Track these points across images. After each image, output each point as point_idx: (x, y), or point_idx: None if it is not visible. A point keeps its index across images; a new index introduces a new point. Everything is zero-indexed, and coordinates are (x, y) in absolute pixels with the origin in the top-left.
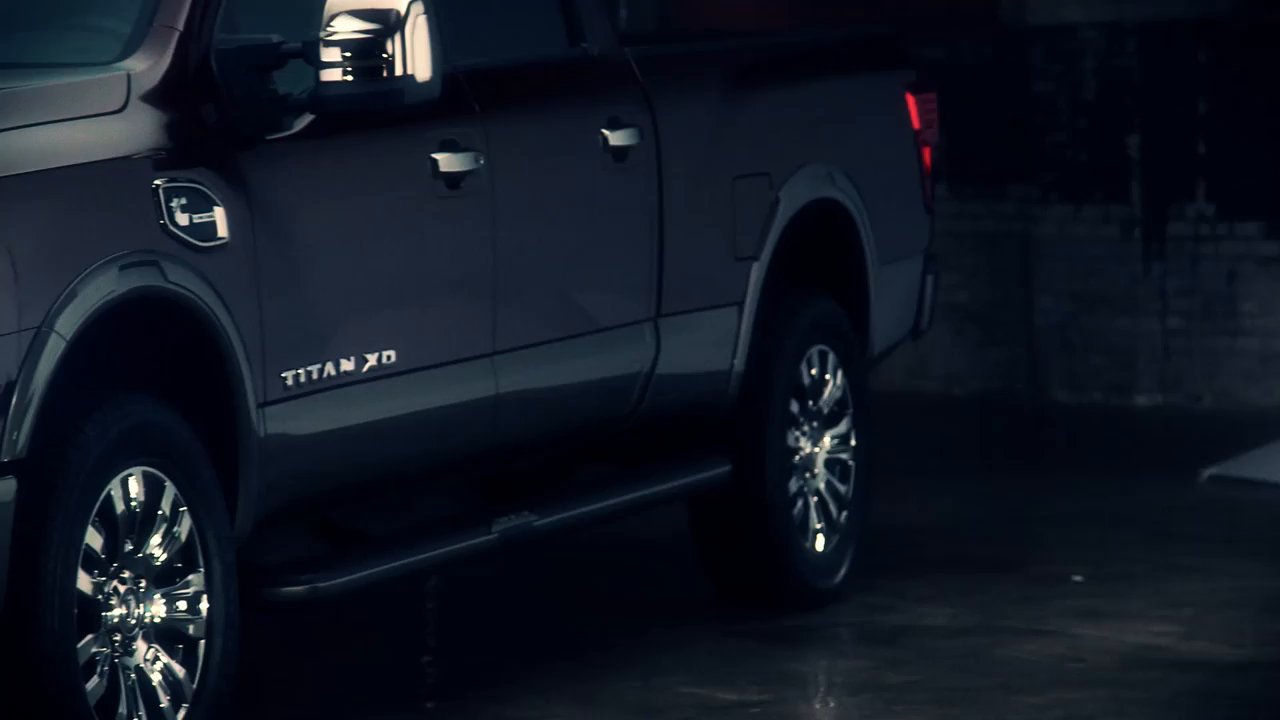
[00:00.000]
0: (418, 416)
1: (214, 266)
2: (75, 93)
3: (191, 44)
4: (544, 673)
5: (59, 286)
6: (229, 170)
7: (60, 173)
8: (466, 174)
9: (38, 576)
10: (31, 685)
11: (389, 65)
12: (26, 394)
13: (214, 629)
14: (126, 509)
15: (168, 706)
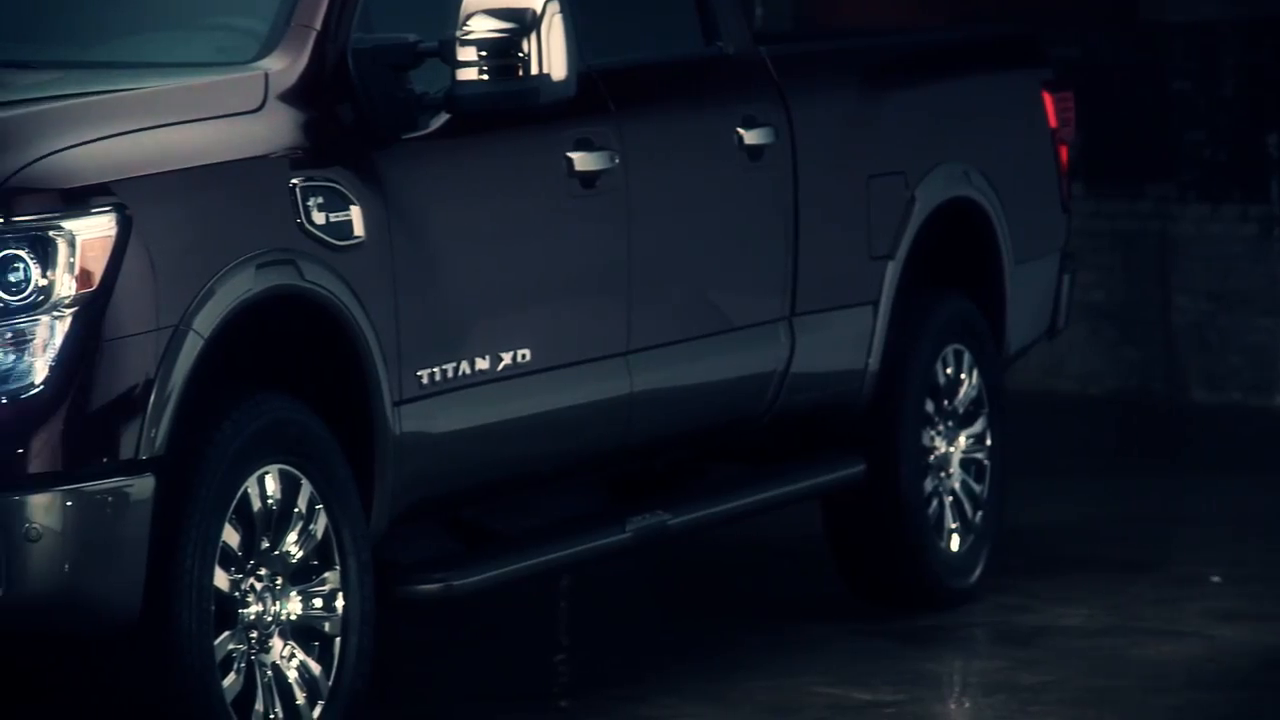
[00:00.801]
0: (552, 415)
1: (350, 265)
2: (213, 92)
3: (329, 43)
4: (676, 672)
5: (197, 285)
6: (365, 169)
7: (198, 172)
8: (601, 173)
9: (175, 574)
10: (169, 682)
11: (525, 64)
12: (165, 392)
13: (349, 626)
14: (263, 506)
15: (303, 704)
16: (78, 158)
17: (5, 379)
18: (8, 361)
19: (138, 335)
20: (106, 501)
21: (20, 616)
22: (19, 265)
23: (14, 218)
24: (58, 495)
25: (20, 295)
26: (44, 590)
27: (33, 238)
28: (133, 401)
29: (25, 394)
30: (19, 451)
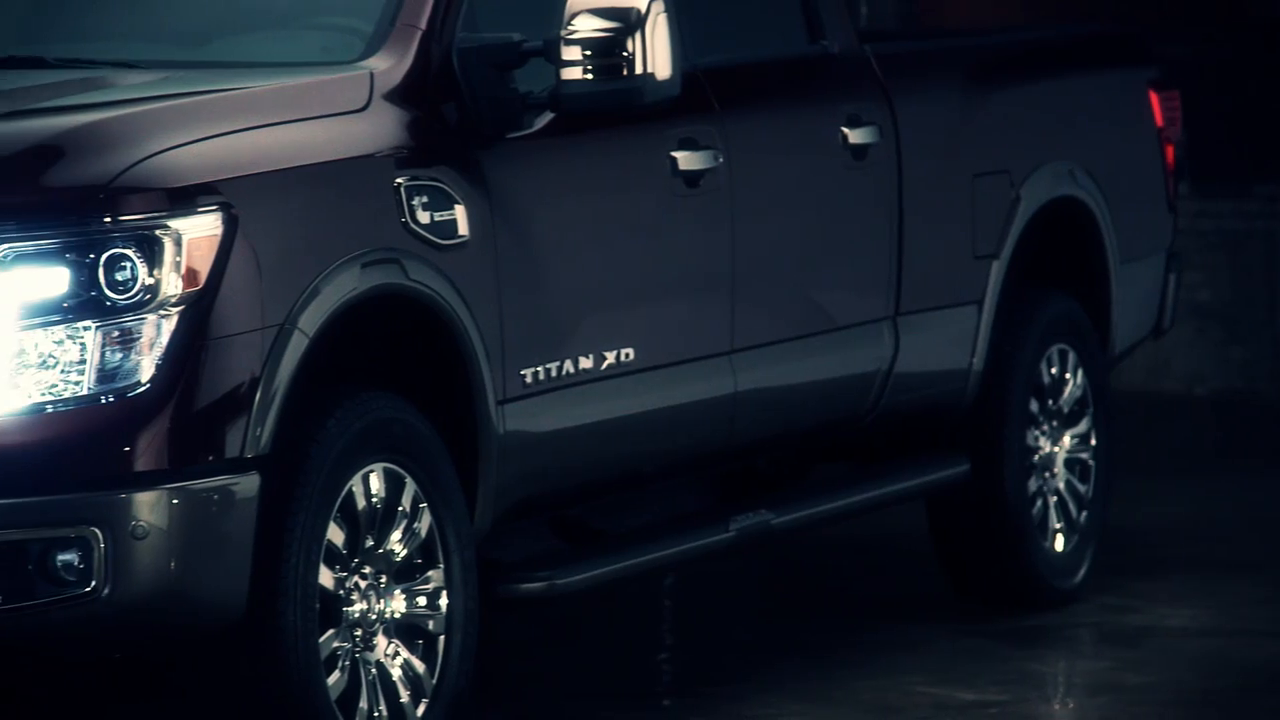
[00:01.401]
0: (656, 414)
1: (454, 264)
2: (319, 91)
3: (433, 43)
4: (780, 670)
5: (302, 284)
6: (470, 169)
7: (304, 171)
8: (705, 172)
9: (280, 572)
10: (274, 680)
11: (629, 63)
12: (270, 390)
13: (453, 625)
14: (368, 505)
15: (408, 701)
16: (184, 157)
17: (112, 377)
18: (114, 360)
19: (243, 334)
20: (212, 500)
21: (127, 614)
22: (126, 264)
23: (121, 217)
24: (164, 493)
25: (127, 294)
26: (150, 588)
27: (139, 237)
28: (238, 400)
29: (132, 392)
30: (125, 450)
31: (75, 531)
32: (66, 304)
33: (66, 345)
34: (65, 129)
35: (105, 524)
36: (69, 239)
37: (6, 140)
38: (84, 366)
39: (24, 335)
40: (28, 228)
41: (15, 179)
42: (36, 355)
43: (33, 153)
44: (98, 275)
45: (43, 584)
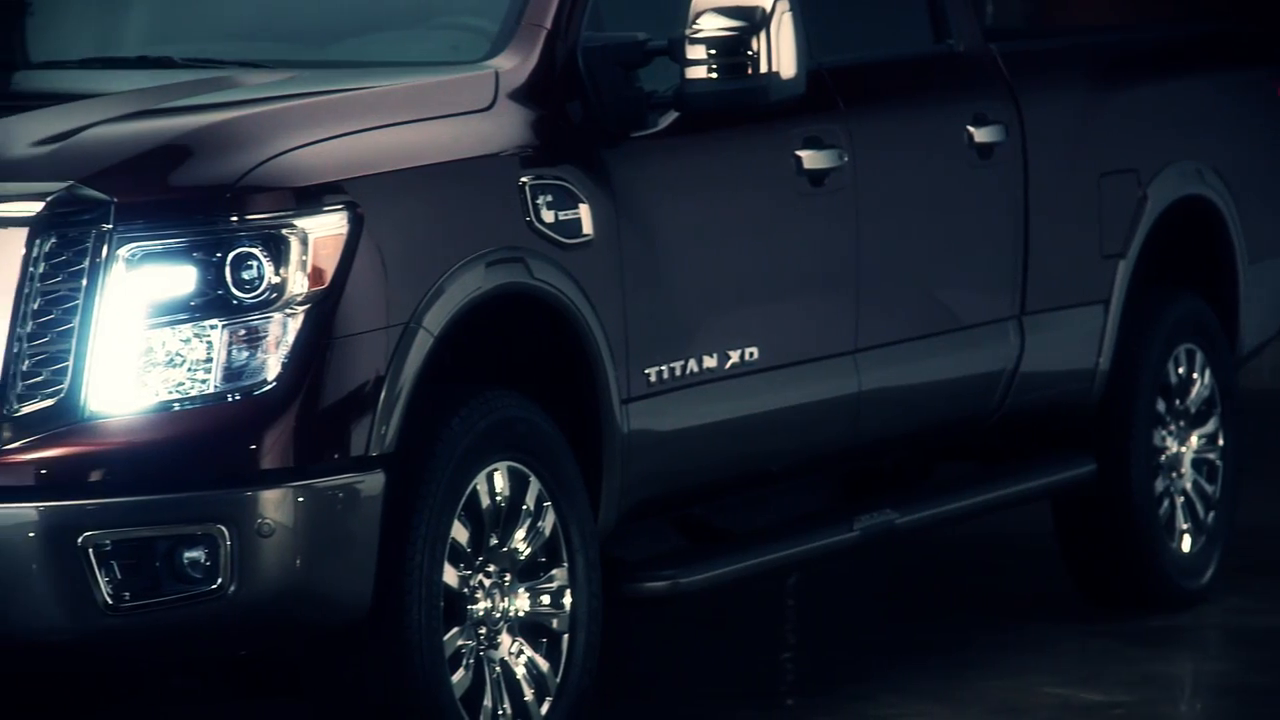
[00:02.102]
0: (780, 414)
1: (579, 263)
2: (444, 91)
3: (559, 42)
4: (905, 670)
5: (427, 283)
6: (594, 168)
7: (429, 170)
8: (830, 171)
9: (405, 570)
10: (399, 678)
11: (754, 62)
12: (395, 389)
13: (577, 623)
14: (492, 503)
15: (531, 700)
16: (310, 157)
17: (238, 376)
18: (241, 359)
19: (368, 333)
20: (337, 497)
21: (252, 611)
22: (252, 263)
23: (247, 216)
24: (289, 491)
25: (253, 293)
26: (276, 586)
27: (266, 236)
28: (363, 398)
29: (258, 391)
30: (251, 448)
31: (202, 529)
32: (193, 303)
33: (193, 344)
34: (192, 129)
35: (231, 521)
36: (196, 238)
37: (135, 140)
38: (210, 365)
39: (151, 334)
40: (155, 227)
41: (143, 178)
42: (164, 354)
43: (160, 152)
44: (224, 274)
45: (169, 581)
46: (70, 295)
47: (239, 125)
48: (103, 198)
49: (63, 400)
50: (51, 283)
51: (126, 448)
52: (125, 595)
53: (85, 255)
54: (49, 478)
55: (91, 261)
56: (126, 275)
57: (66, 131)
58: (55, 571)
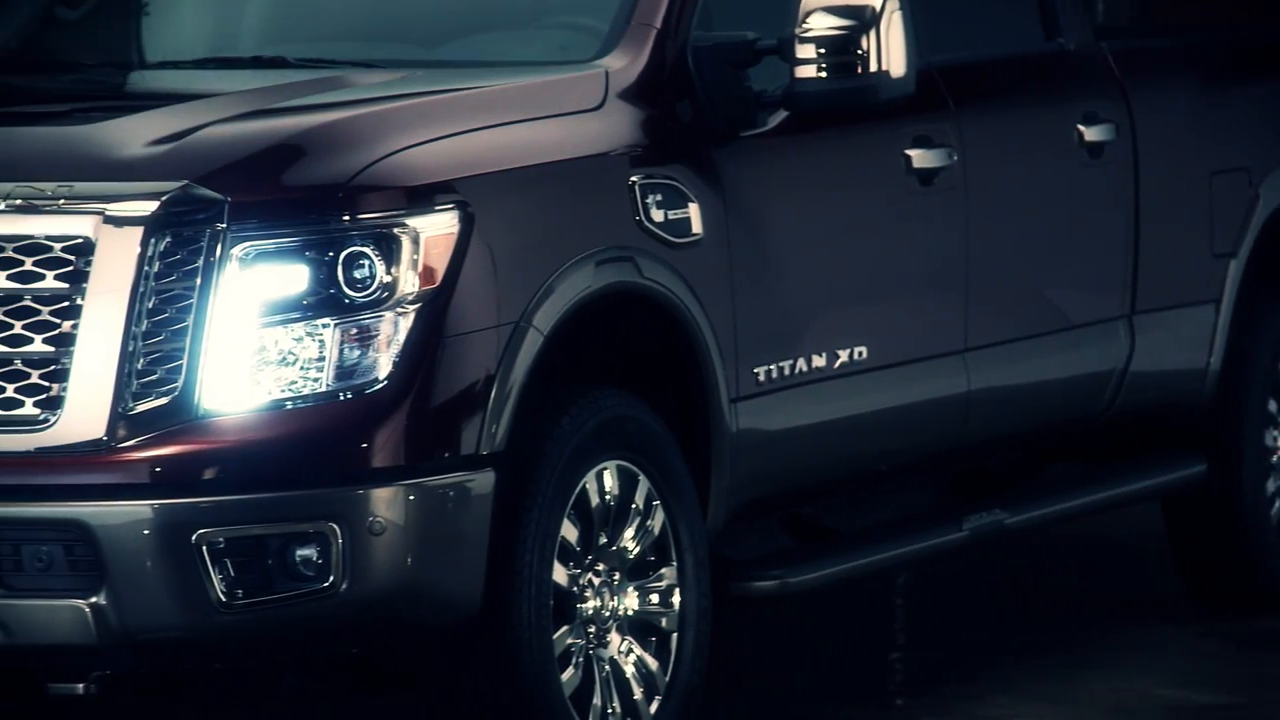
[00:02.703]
0: (888, 413)
1: (688, 262)
2: (554, 90)
3: (668, 41)
4: (1013, 671)
5: (537, 282)
6: (703, 167)
7: (539, 169)
8: (940, 170)
9: (515, 568)
10: (509, 676)
11: (863, 61)
12: (505, 388)
13: (686, 622)
14: (601, 502)
15: (641, 699)
16: (421, 156)
17: (350, 374)
18: (352, 357)
19: (479, 331)
20: (448, 496)
21: (364, 609)
22: (364, 262)
23: (359, 215)
24: (401, 489)
25: (365, 292)
26: (387, 584)
27: (377, 235)
28: (474, 397)
29: (369, 389)
30: (363, 446)
31: (314, 527)
32: (306, 301)
33: (306, 342)
34: (305, 128)
35: (343, 520)
36: (309, 237)
37: (248, 139)
38: (323, 363)
39: (264, 332)
40: (268, 226)
41: (257, 178)
42: (276, 352)
43: (274, 152)
44: (336, 273)
45: (282, 579)
46: (185, 294)
47: (351, 125)
48: (217, 197)
49: (177, 398)
50: (166, 281)
51: (240, 446)
52: (238, 593)
53: (199, 254)
54: (163, 476)
55: (205, 260)
56: (240, 274)
57: (181, 131)
58: (169, 569)
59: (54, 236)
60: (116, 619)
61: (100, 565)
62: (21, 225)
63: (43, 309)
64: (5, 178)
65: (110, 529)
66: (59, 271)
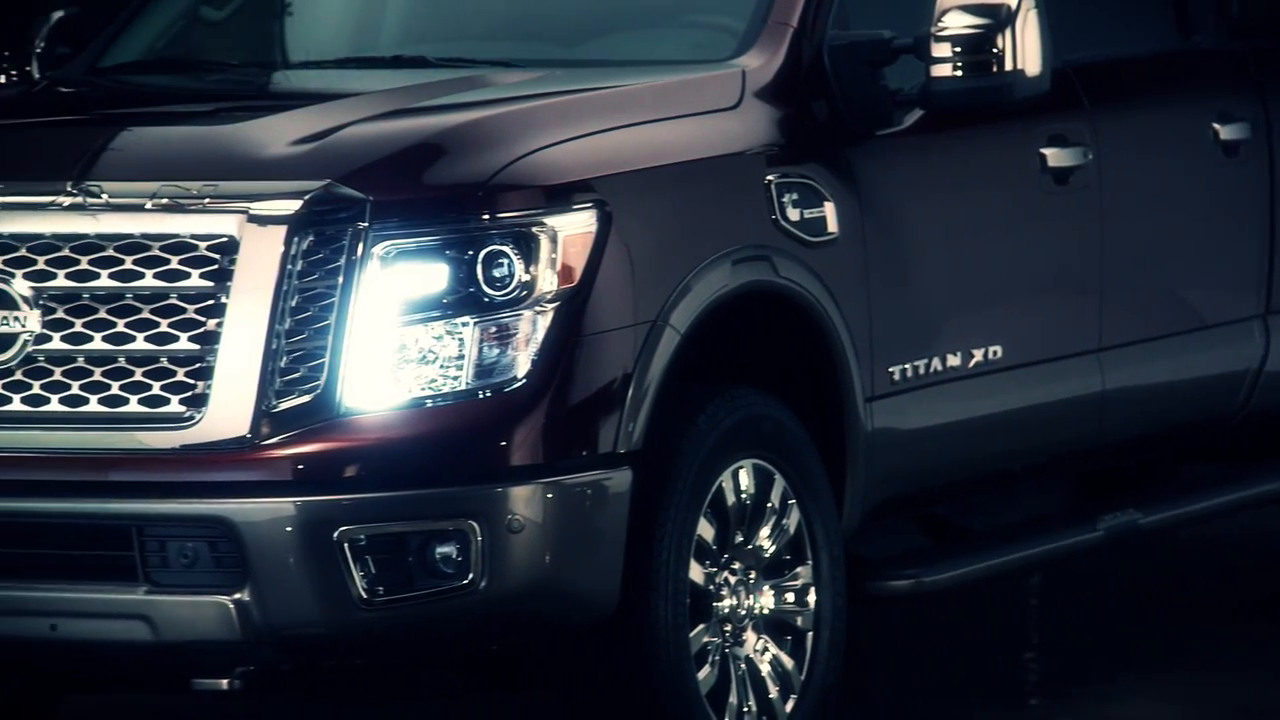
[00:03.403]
0: (1023, 413)
1: (824, 261)
2: (691, 89)
3: (805, 40)
4: (1147, 671)
5: (674, 281)
6: (839, 166)
7: (676, 168)
8: (1075, 169)
9: (651, 566)
10: (645, 674)
11: (999, 60)
12: (642, 387)
13: (822, 621)
14: (737, 501)
15: (776, 697)
16: (559, 155)
17: (489, 373)
18: (492, 356)
19: (616, 330)
20: (586, 494)
21: (502, 607)
22: (503, 261)
23: (498, 214)
24: (539, 487)
25: (504, 290)
26: (525, 581)
27: (516, 234)
28: (611, 396)
29: (508, 388)
30: (502, 444)
31: (453, 525)
32: (446, 300)
33: (445, 341)
34: (445, 128)
35: (482, 517)
36: (448, 236)
37: (389, 139)
38: (462, 362)
39: (404, 331)
40: (409, 225)
41: (397, 177)
42: (417, 350)
43: (414, 151)
44: (476, 272)
45: (422, 576)
46: (327, 292)
47: (491, 124)
48: (359, 196)
49: (319, 396)
50: (309, 280)
51: (380, 444)
52: (379, 590)
53: (341, 253)
54: (305, 473)
55: (347, 259)
56: (381, 273)
57: (324, 131)
58: (311, 566)
59: (199, 235)
60: (260, 615)
61: (244, 562)
62: (167, 224)
63: (188, 307)
64: (152, 177)
65: (254, 526)
66: (204, 270)
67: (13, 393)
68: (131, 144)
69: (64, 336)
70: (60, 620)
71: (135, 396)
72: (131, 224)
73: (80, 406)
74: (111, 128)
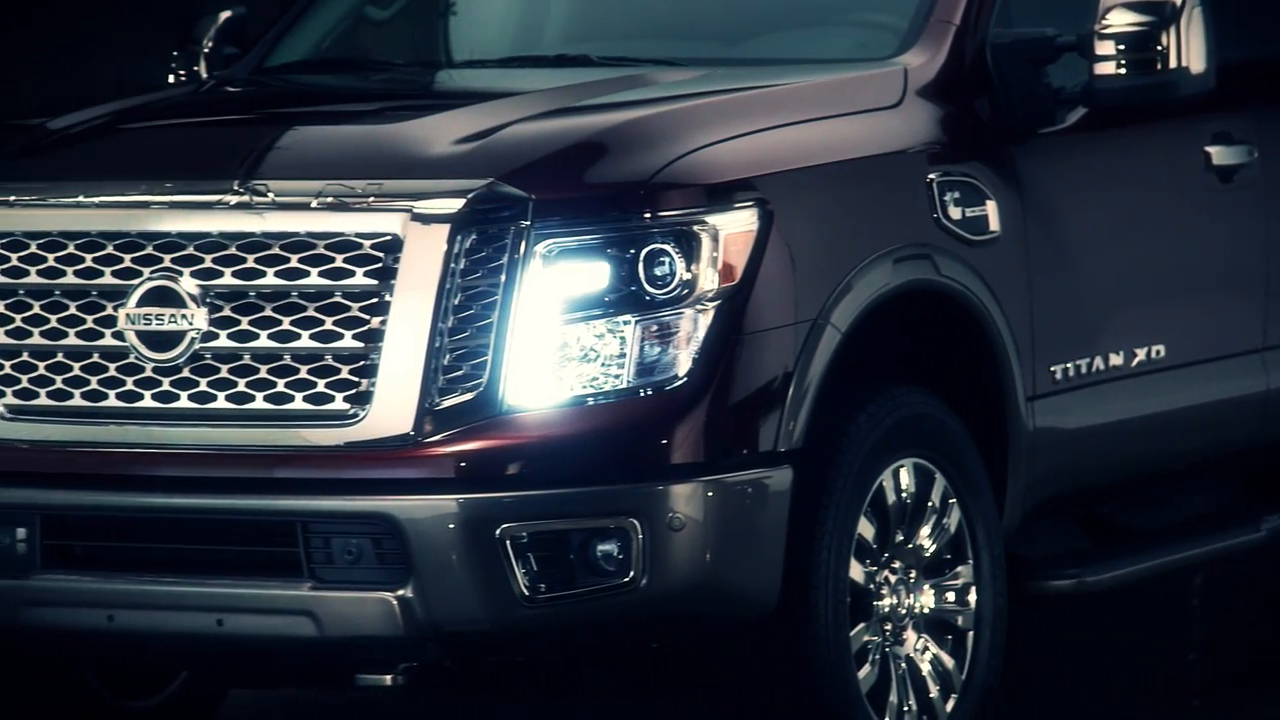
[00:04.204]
0: (1186, 412)
1: (985, 260)
2: (852, 88)
3: (967, 38)
4: None
5: (835, 279)
6: (1001, 164)
7: (837, 167)
8: (1239, 167)
9: (812, 565)
10: (806, 672)
11: (1163, 58)
12: (803, 385)
13: (982, 621)
14: (897, 500)
15: (937, 697)
16: (721, 154)
17: (650, 371)
18: (653, 354)
19: (777, 329)
20: (746, 492)
21: (663, 604)
22: (664, 259)
23: (660, 213)
24: (700, 486)
25: (665, 289)
26: (686, 579)
27: (678, 232)
28: (772, 394)
29: (669, 386)
30: (663, 442)
31: (615, 522)
32: (607, 298)
33: (607, 339)
34: (607, 126)
35: (644, 515)
36: (610, 234)
37: (551, 137)
38: (624, 360)
39: (566, 329)
40: (571, 223)
41: (560, 175)
42: (578, 349)
43: (576, 150)
44: (637, 270)
45: (583, 574)
46: (489, 291)
47: (652, 123)
48: (521, 195)
49: (481, 394)
50: (471, 278)
51: (542, 441)
52: (541, 587)
53: (504, 251)
54: (468, 470)
55: (510, 258)
56: (543, 271)
57: (487, 129)
58: (474, 563)
59: (364, 234)
60: (423, 612)
61: (407, 559)
62: (332, 223)
63: (352, 305)
64: (317, 176)
65: (417, 523)
66: (368, 268)
67: (180, 390)
68: (297, 143)
69: (230, 334)
70: (226, 615)
71: (300, 394)
72: (297, 222)
73: (246, 404)
74: (277, 127)
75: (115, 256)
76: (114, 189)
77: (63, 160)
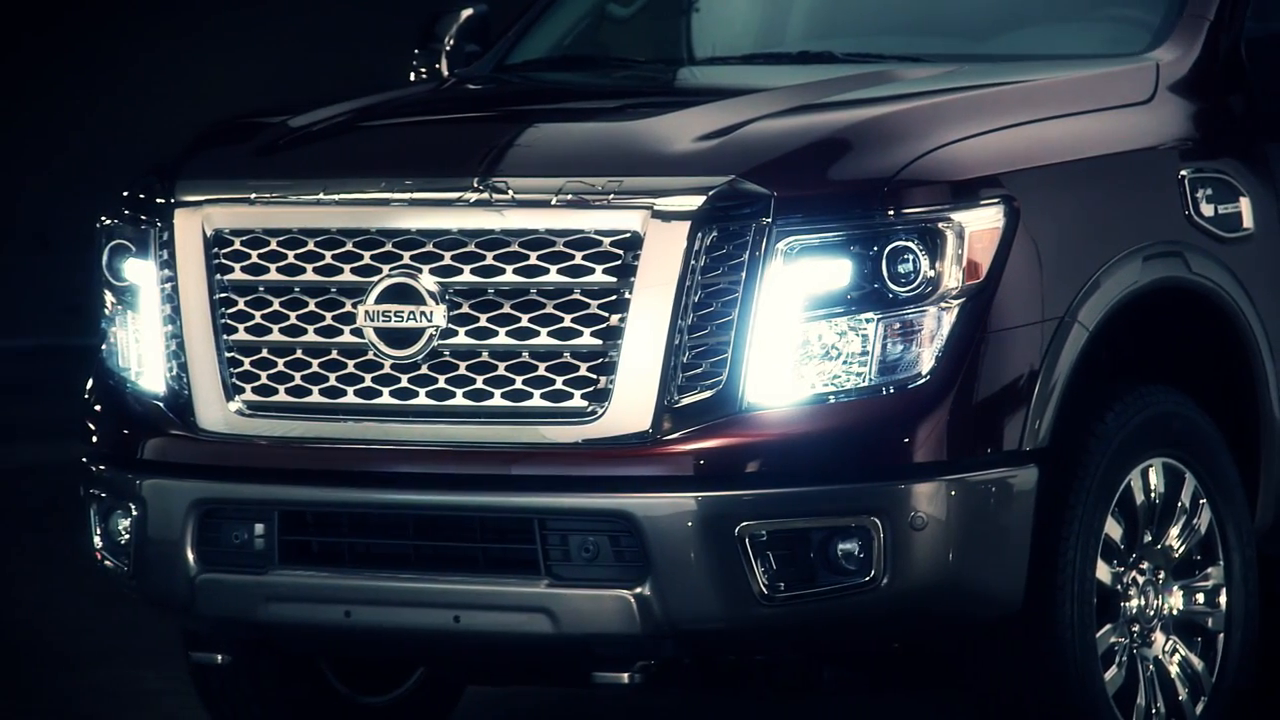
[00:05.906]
0: None
1: (1238, 257)
2: (1102, 84)
3: (1221, 34)
4: None
5: (1082, 277)
6: (1255, 161)
7: (1086, 163)
8: None
9: (1057, 565)
10: (1052, 673)
11: None
12: (1049, 383)
13: (1233, 622)
14: (1146, 500)
15: (1186, 700)
16: (967, 150)
17: (893, 369)
18: (895, 352)
19: (1022, 327)
20: (990, 492)
21: (905, 604)
22: (909, 257)
23: (904, 210)
24: (942, 484)
25: (909, 286)
26: (928, 579)
27: (922, 230)
28: (1016, 393)
29: (912, 384)
30: (905, 441)
31: (856, 521)
32: (849, 296)
33: (849, 337)
34: (850, 123)
35: (885, 514)
36: (853, 232)
37: (793, 135)
38: (866, 358)
39: (808, 326)
40: (813, 220)
41: (801, 172)
42: (820, 346)
43: (818, 147)
44: (880, 268)
45: (823, 573)
46: (730, 288)
47: (896, 120)
48: (763, 192)
49: (720, 392)
50: (712, 275)
51: (783, 439)
52: (780, 585)
53: (745, 249)
54: (707, 468)
55: (751, 255)
56: (784, 268)
57: (728, 127)
58: (713, 561)
59: (603, 231)
60: (660, 609)
61: (645, 556)
62: (572, 220)
63: (591, 303)
64: (557, 173)
65: (655, 520)
66: (608, 265)
67: (419, 387)
68: (537, 140)
69: (469, 331)
70: (463, 612)
71: (538, 391)
72: (537, 220)
73: (484, 401)
74: (518, 124)
75: (355, 254)
76: (354, 186)
77: (303, 158)
